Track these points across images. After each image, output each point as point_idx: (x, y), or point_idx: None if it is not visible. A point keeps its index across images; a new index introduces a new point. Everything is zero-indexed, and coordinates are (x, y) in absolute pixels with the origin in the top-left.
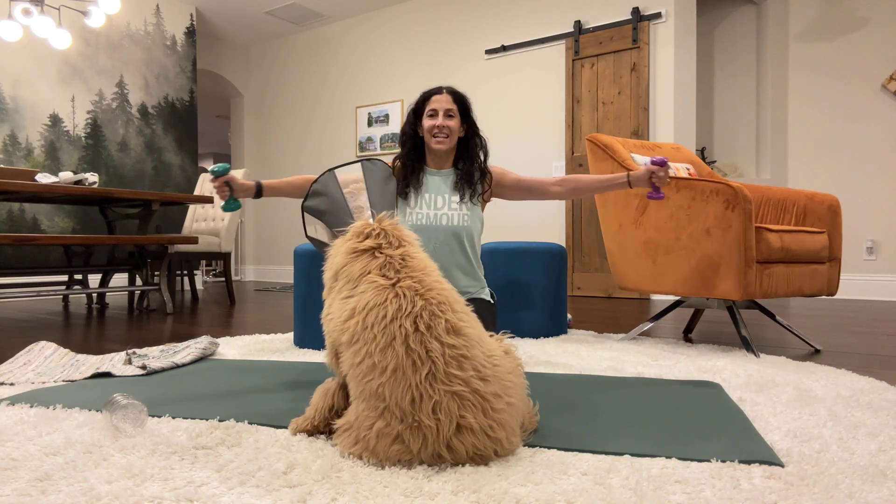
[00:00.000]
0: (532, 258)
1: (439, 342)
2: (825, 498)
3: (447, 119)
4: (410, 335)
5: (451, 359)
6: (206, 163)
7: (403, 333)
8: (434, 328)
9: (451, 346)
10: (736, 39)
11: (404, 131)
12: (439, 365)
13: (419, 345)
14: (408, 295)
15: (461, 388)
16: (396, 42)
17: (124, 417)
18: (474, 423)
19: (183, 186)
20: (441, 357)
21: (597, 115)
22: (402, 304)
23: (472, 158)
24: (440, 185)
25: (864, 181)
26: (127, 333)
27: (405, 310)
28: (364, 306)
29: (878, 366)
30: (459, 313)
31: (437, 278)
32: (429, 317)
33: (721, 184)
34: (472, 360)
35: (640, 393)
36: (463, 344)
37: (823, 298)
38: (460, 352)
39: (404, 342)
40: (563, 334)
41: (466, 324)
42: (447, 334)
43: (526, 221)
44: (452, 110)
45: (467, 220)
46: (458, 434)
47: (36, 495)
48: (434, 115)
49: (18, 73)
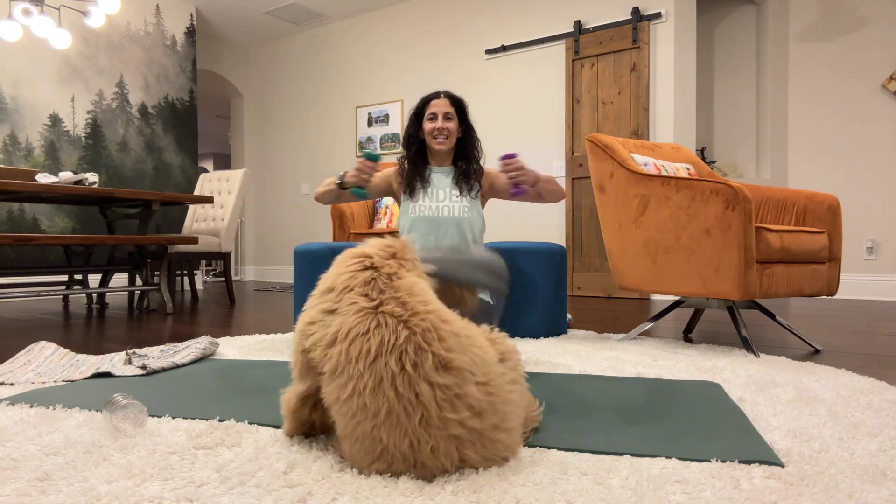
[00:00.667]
0: (532, 258)
1: (428, 383)
2: (825, 498)
3: (446, 122)
4: (397, 376)
5: (443, 401)
6: (206, 163)
7: (390, 374)
8: (421, 366)
9: (441, 387)
10: (736, 39)
11: (408, 134)
12: (432, 410)
13: (408, 388)
14: (390, 324)
15: (458, 430)
16: (396, 42)
17: (124, 417)
18: (476, 457)
19: (183, 186)
20: (432, 401)
21: (597, 115)
22: (385, 336)
23: (470, 156)
24: (441, 181)
25: (864, 181)
26: (127, 333)
27: (388, 343)
28: (346, 334)
29: (878, 366)
30: (447, 341)
31: (424, 298)
32: (414, 351)
33: (721, 184)
34: (466, 397)
35: (640, 393)
36: (455, 382)
37: (823, 298)
38: (453, 391)
39: (392, 384)
40: (563, 334)
41: (456, 353)
42: (436, 372)
43: (526, 221)
44: (451, 113)
45: (467, 212)
46: (462, 464)
47: (36, 495)
48: (434, 118)
49: (18, 73)
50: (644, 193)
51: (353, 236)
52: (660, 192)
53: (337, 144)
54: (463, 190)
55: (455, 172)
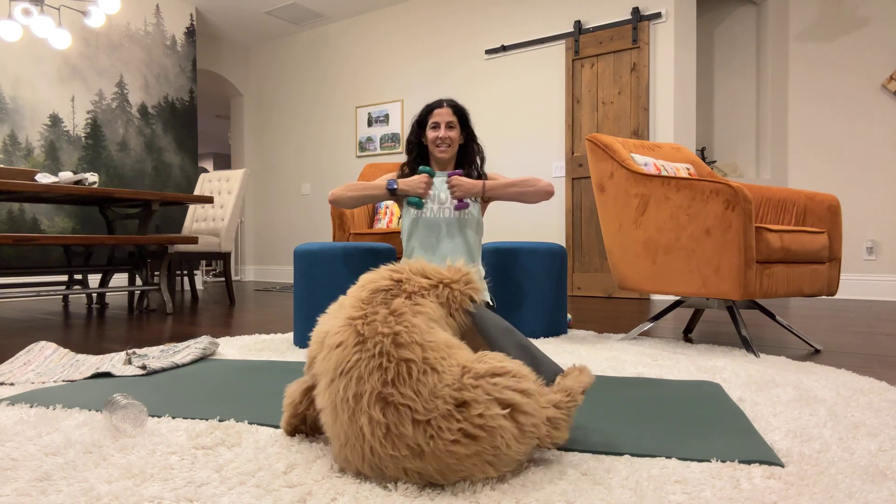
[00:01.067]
0: (532, 258)
1: (368, 417)
2: (825, 498)
3: (448, 130)
4: (346, 402)
5: (384, 437)
6: (206, 163)
7: (341, 400)
8: (360, 398)
9: (377, 423)
10: (736, 39)
11: (410, 140)
12: (375, 445)
13: (353, 418)
14: (363, 357)
15: (406, 465)
16: (396, 42)
17: (124, 417)
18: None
19: (183, 186)
20: (372, 436)
21: (597, 115)
22: (360, 372)
23: (471, 162)
24: (443, 185)
25: (864, 181)
26: (127, 333)
27: (363, 378)
28: (331, 344)
29: (878, 366)
30: (415, 379)
31: (407, 321)
32: (356, 383)
33: (721, 184)
34: (404, 437)
35: (640, 393)
36: (393, 421)
37: (823, 298)
38: (390, 430)
39: (344, 410)
40: (563, 334)
41: (399, 387)
42: (375, 405)
43: (526, 221)
44: (453, 122)
45: (467, 215)
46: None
47: (36, 495)
48: (437, 126)
49: (18, 73)
50: (644, 193)
51: (353, 236)
52: (660, 192)
53: (337, 144)
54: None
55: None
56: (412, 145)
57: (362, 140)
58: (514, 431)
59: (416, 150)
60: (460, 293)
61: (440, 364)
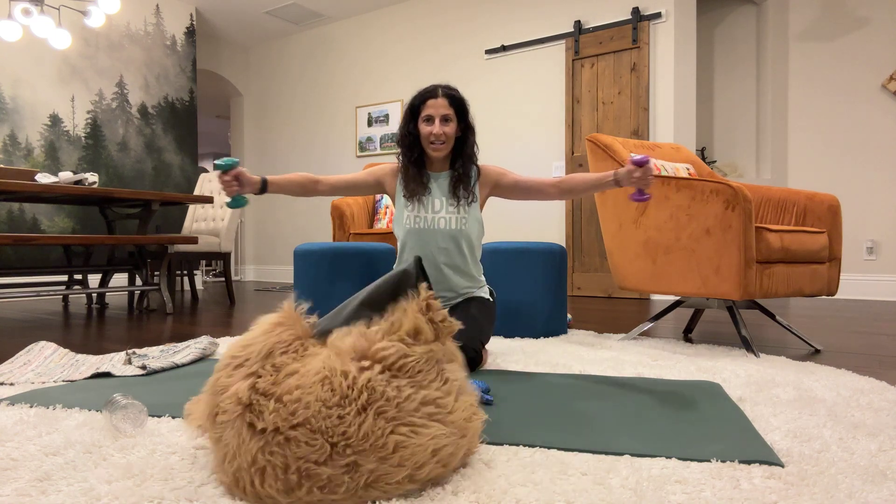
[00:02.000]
0: (532, 258)
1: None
2: (825, 498)
3: (444, 125)
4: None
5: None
6: (206, 163)
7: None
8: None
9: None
10: (736, 39)
11: (402, 132)
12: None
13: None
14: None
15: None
16: (396, 42)
17: (124, 417)
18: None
19: (183, 186)
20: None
21: (597, 115)
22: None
23: (468, 158)
24: (436, 188)
25: (864, 181)
26: (127, 333)
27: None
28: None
29: (878, 366)
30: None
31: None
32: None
33: (721, 184)
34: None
35: (640, 393)
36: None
37: (823, 298)
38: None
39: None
40: (563, 334)
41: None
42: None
43: (526, 221)
44: (449, 115)
45: (465, 224)
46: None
47: (36, 495)
48: (430, 120)
49: (18, 73)
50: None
51: (353, 236)
52: (660, 192)
53: (337, 144)
54: (460, 199)
55: (451, 178)
56: (407, 138)
57: (362, 140)
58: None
59: (409, 141)
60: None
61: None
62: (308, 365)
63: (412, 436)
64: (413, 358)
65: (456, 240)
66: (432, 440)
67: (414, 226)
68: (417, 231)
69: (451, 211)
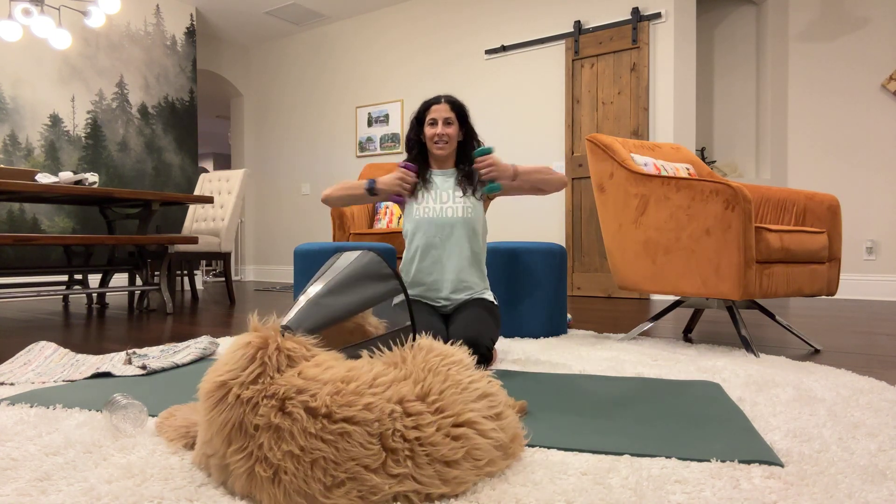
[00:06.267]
0: (532, 258)
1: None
2: (825, 498)
3: (446, 127)
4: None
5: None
6: (206, 163)
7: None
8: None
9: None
10: (736, 39)
11: (409, 138)
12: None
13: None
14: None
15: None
16: (396, 42)
17: (124, 417)
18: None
19: (183, 186)
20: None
21: (597, 115)
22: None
23: (471, 159)
24: (444, 183)
25: (864, 181)
26: (127, 333)
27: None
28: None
29: (878, 366)
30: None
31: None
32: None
33: (721, 184)
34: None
35: (640, 393)
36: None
37: (823, 298)
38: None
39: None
40: (563, 334)
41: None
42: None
43: (526, 221)
44: (451, 118)
45: (471, 213)
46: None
47: (36, 495)
48: (434, 123)
49: (18, 73)
50: (644, 193)
51: (353, 236)
52: (660, 192)
53: (337, 144)
54: (466, 191)
55: (457, 175)
56: (412, 143)
57: (362, 140)
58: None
59: (415, 148)
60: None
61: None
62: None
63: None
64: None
65: (464, 226)
66: (487, 464)
67: (423, 215)
68: (427, 221)
69: (459, 201)
